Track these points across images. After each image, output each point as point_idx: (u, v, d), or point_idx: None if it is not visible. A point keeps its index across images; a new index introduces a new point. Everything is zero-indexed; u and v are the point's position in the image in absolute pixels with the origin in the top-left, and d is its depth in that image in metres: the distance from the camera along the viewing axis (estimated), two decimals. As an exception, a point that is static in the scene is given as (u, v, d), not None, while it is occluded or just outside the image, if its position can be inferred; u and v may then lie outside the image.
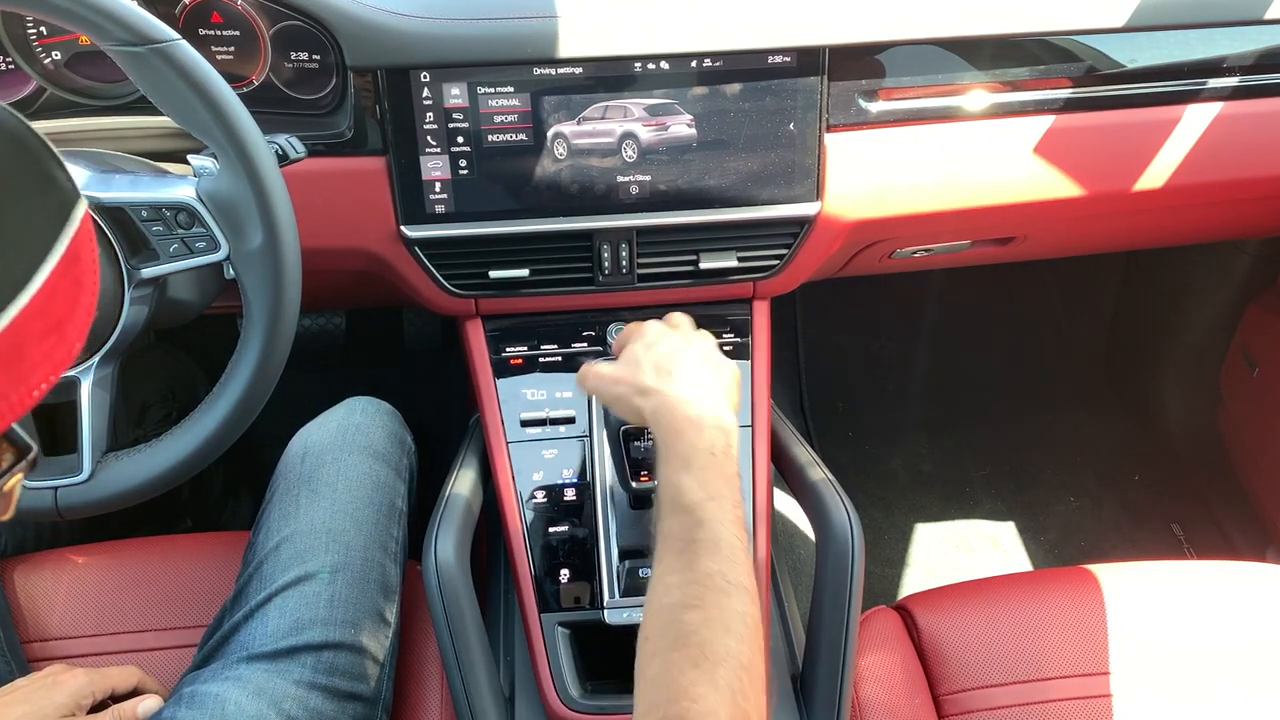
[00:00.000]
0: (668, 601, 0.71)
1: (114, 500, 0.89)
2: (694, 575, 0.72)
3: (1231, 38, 1.15)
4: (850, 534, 0.99)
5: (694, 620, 0.69)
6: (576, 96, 1.05)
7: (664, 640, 0.69)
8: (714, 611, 0.70)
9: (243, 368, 0.87)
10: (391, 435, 1.12)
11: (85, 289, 0.48)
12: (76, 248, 0.47)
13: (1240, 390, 1.73)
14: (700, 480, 0.78)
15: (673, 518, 0.77)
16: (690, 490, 0.77)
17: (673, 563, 0.74)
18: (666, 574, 0.73)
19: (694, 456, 0.79)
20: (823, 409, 2.01)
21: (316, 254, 0.95)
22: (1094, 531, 1.83)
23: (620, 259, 1.12)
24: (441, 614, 0.95)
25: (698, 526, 0.75)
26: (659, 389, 0.86)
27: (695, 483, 0.77)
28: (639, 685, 0.69)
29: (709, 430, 0.81)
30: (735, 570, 0.72)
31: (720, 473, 0.79)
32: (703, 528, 0.74)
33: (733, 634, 0.69)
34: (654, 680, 0.68)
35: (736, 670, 0.67)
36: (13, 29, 1.04)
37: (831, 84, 1.07)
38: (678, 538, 0.75)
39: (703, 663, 0.67)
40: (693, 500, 0.76)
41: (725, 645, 0.68)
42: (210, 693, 0.90)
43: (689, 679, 0.66)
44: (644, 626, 0.72)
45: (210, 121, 0.81)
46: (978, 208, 1.16)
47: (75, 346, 0.48)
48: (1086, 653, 1.05)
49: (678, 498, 0.77)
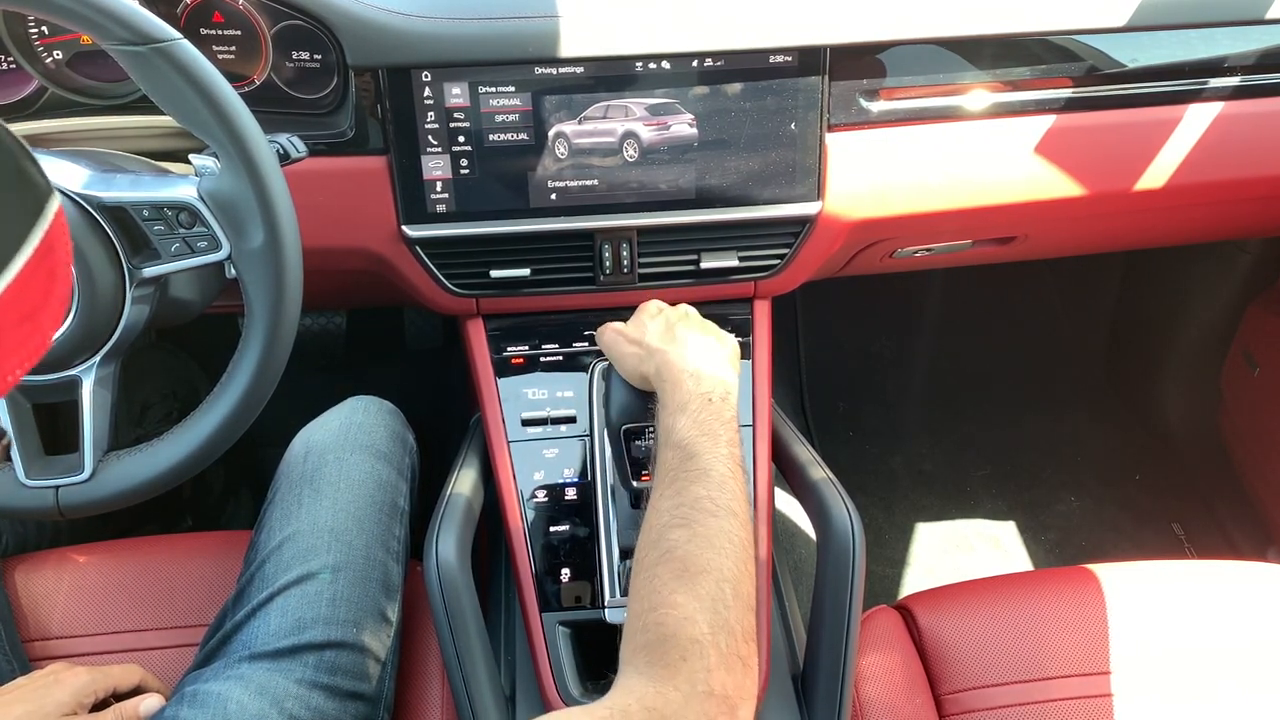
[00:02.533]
0: (656, 523, 0.75)
1: (115, 499, 0.89)
2: (682, 500, 0.75)
3: (1232, 37, 1.15)
4: (851, 533, 0.99)
5: (679, 537, 0.72)
6: (578, 96, 1.05)
7: (651, 556, 0.72)
8: (699, 529, 0.73)
9: (244, 367, 0.87)
10: (394, 434, 1.12)
11: (59, 280, 0.49)
12: (50, 240, 0.48)
13: (1241, 390, 1.73)
14: (694, 420, 0.82)
15: (665, 451, 0.81)
16: (684, 428, 0.81)
17: (664, 490, 0.78)
18: (658, 500, 0.77)
19: (690, 401, 0.84)
20: (823, 409, 2.01)
21: (318, 253, 0.95)
22: (1095, 531, 1.83)
23: (621, 258, 1.12)
24: (442, 613, 0.95)
25: (689, 459, 0.79)
26: (663, 349, 0.92)
27: (689, 422, 0.82)
28: (629, 601, 0.73)
29: (706, 380, 0.86)
30: (724, 496, 0.76)
31: (716, 415, 0.83)
32: (694, 459, 0.78)
33: (716, 549, 0.71)
34: (638, 592, 0.72)
35: (719, 582, 0.69)
36: (14, 28, 1.04)
37: (833, 84, 1.07)
38: (669, 468, 0.79)
39: (684, 574, 0.70)
40: (685, 437, 0.81)
41: (708, 559, 0.71)
42: (212, 691, 0.90)
43: (670, 589, 0.69)
44: (636, 550, 0.76)
45: (211, 121, 0.81)
46: (979, 207, 1.16)
47: (49, 335, 0.49)
48: (1087, 652, 1.05)
49: (670, 434, 0.82)
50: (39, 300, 0.47)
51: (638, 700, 0.66)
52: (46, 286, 0.48)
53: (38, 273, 0.47)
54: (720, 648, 0.68)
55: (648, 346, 0.94)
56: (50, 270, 0.48)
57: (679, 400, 0.85)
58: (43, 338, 0.48)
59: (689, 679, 0.66)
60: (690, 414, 0.83)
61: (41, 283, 0.47)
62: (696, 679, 0.66)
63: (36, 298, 0.47)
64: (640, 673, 0.68)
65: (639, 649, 0.70)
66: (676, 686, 0.66)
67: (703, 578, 0.69)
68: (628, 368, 0.97)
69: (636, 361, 0.95)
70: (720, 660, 0.67)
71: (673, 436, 0.82)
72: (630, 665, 0.70)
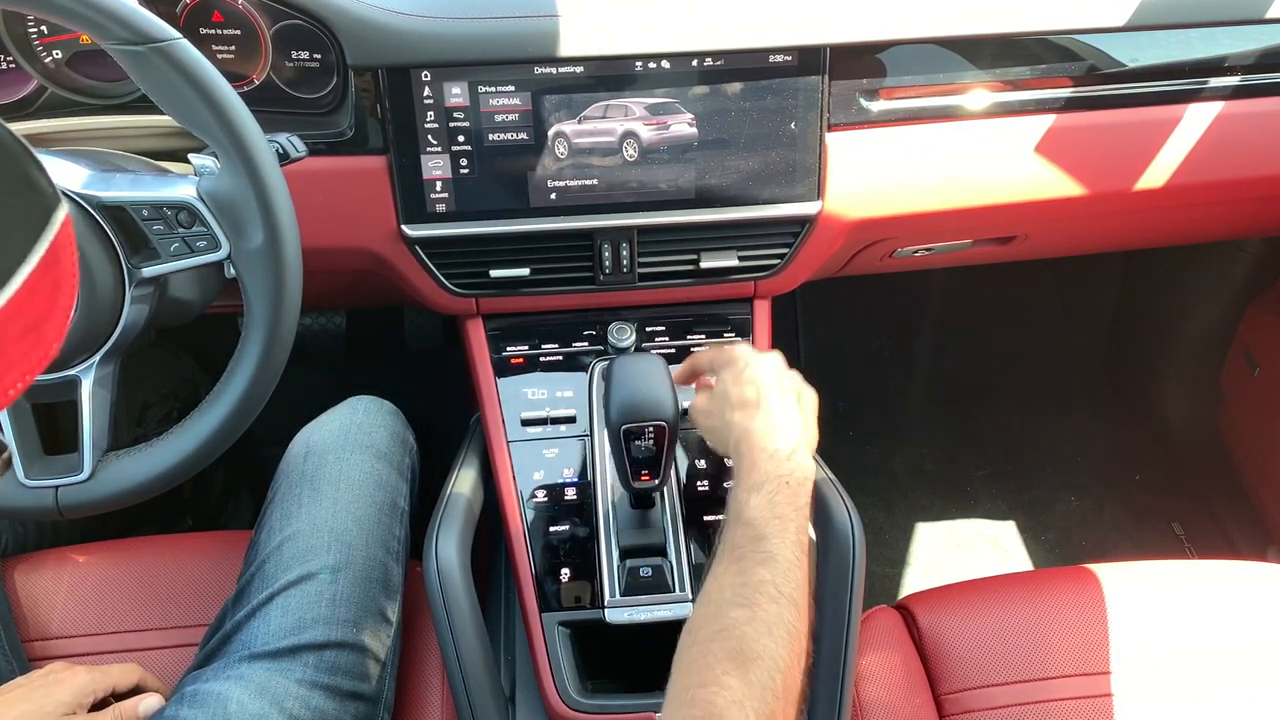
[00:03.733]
0: (717, 598, 0.74)
1: (115, 499, 0.89)
2: (746, 580, 0.74)
3: (1232, 37, 1.15)
4: (851, 533, 0.99)
5: (739, 617, 0.71)
6: (577, 95, 1.05)
7: (706, 631, 0.71)
8: (760, 613, 0.72)
9: (243, 367, 0.87)
10: (394, 434, 1.12)
11: (64, 291, 0.49)
12: (56, 250, 0.47)
13: (1241, 390, 1.73)
14: (768, 501, 0.81)
15: (735, 529, 0.80)
16: (756, 508, 0.80)
17: (729, 566, 0.76)
18: (722, 574, 0.76)
19: (766, 482, 0.82)
20: (823, 408, 2.01)
21: (317, 253, 0.95)
22: (1095, 531, 1.83)
23: (621, 258, 1.12)
24: (442, 613, 0.95)
25: (759, 540, 0.77)
26: (744, 425, 0.89)
27: (763, 502, 0.81)
28: (675, 669, 0.71)
29: (785, 463, 0.85)
30: (788, 584, 0.75)
31: (790, 500, 0.82)
32: (763, 541, 0.77)
33: (774, 638, 0.70)
34: (689, 664, 0.70)
35: (771, 671, 0.68)
36: (14, 28, 1.04)
37: (832, 83, 1.07)
38: (736, 546, 0.78)
39: (738, 656, 0.68)
40: (756, 516, 0.79)
41: (764, 645, 0.69)
42: (212, 691, 0.90)
43: (723, 668, 0.68)
44: (691, 619, 0.74)
45: (211, 120, 0.81)
46: (978, 207, 1.16)
47: (52, 347, 0.48)
48: (1087, 652, 1.05)
49: (741, 512, 0.81)
50: (43, 312, 0.47)
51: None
52: (51, 297, 0.47)
53: (43, 284, 0.46)
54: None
55: (727, 421, 0.91)
56: (55, 281, 0.47)
57: (755, 479, 0.83)
58: (46, 349, 0.48)
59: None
60: (765, 494, 0.81)
61: (46, 294, 0.47)
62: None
63: (41, 309, 0.46)
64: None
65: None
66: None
67: (757, 664, 0.68)
68: (713, 442, 0.96)
69: (717, 437, 0.94)
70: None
71: (745, 514, 0.80)
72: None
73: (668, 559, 1.00)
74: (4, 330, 0.44)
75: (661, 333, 1.17)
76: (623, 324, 1.15)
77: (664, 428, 0.93)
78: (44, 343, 0.47)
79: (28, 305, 0.45)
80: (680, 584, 1.00)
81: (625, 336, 1.14)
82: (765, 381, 0.93)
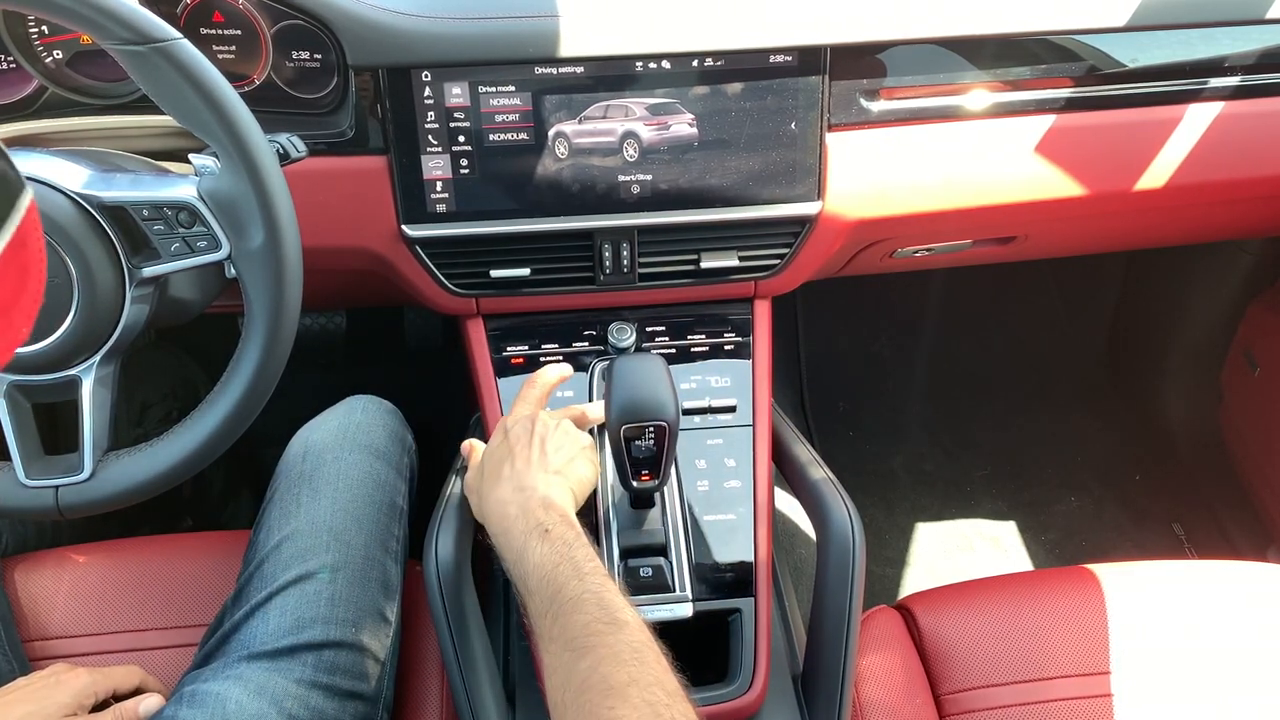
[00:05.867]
0: (558, 665, 0.74)
1: (115, 499, 0.89)
2: (572, 634, 0.74)
3: (1233, 37, 1.15)
4: (851, 533, 0.99)
5: (588, 664, 0.72)
6: (578, 96, 1.05)
7: (570, 693, 0.71)
8: (603, 651, 0.72)
9: (244, 367, 0.87)
10: (392, 434, 1.12)
11: (31, 275, 0.49)
12: (23, 234, 0.47)
13: (1242, 390, 1.73)
14: (538, 559, 0.81)
15: (531, 600, 0.81)
16: (534, 573, 0.80)
17: (550, 632, 0.77)
18: (549, 645, 0.76)
19: (527, 544, 0.83)
20: (823, 408, 2.01)
21: (318, 253, 0.95)
22: (1095, 531, 1.83)
23: (621, 258, 1.12)
24: (442, 613, 0.95)
25: (556, 595, 0.78)
26: (483, 495, 0.92)
27: (537, 563, 0.81)
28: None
29: (533, 514, 0.85)
30: (608, 612, 0.75)
31: (559, 541, 0.82)
32: (561, 593, 0.78)
33: (626, 663, 0.71)
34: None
35: (646, 688, 0.69)
36: (14, 28, 1.04)
37: (833, 83, 1.07)
38: (543, 614, 0.78)
39: (610, 692, 0.69)
40: (540, 581, 0.80)
41: (625, 673, 0.70)
42: (211, 691, 0.90)
43: (605, 706, 0.68)
44: (549, 698, 0.74)
45: (211, 120, 0.81)
46: (979, 207, 1.16)
47: (22, 331, 0.48)
48: (1087, 652, 1.05)
49: (525, 582, 0.81)
50: (11, 296, 0.47)
51: None
52: (18, 282, 0.47)
53: (9, 269, 0.46)
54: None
55: (473, 488, 0.95)
56: (23, 266, 0.47)
57: (516, 547, 0.84)
58: (15, 334, 0.48)
59: None
60: (530, 556, 0.82)
61: (13, 279, 0.47)
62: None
63: (8, 294, 0.47)
64: None
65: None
66: None
67: (632, 688, 0.69)
68: (479, 518, 0.95)
69: (476, 514, 0.95)
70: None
71: (530, 583, 0.81)
72: None
73: (668, 559, 1.00)
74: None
75: (662, 333, 1.17)
76: (623, 324, 1.15)
77: (664, 428, 0.93)
78: (13, 327, 0.47)
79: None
80: (680, 584, 1.00)
81: (625, 336, 1.14)
82: (514, 439, 0.94)
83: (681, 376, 1.13)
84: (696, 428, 1.11)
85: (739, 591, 1.03)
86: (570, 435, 0.96)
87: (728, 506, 1.06)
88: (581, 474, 0.93)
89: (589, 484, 0.95)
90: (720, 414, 1.12)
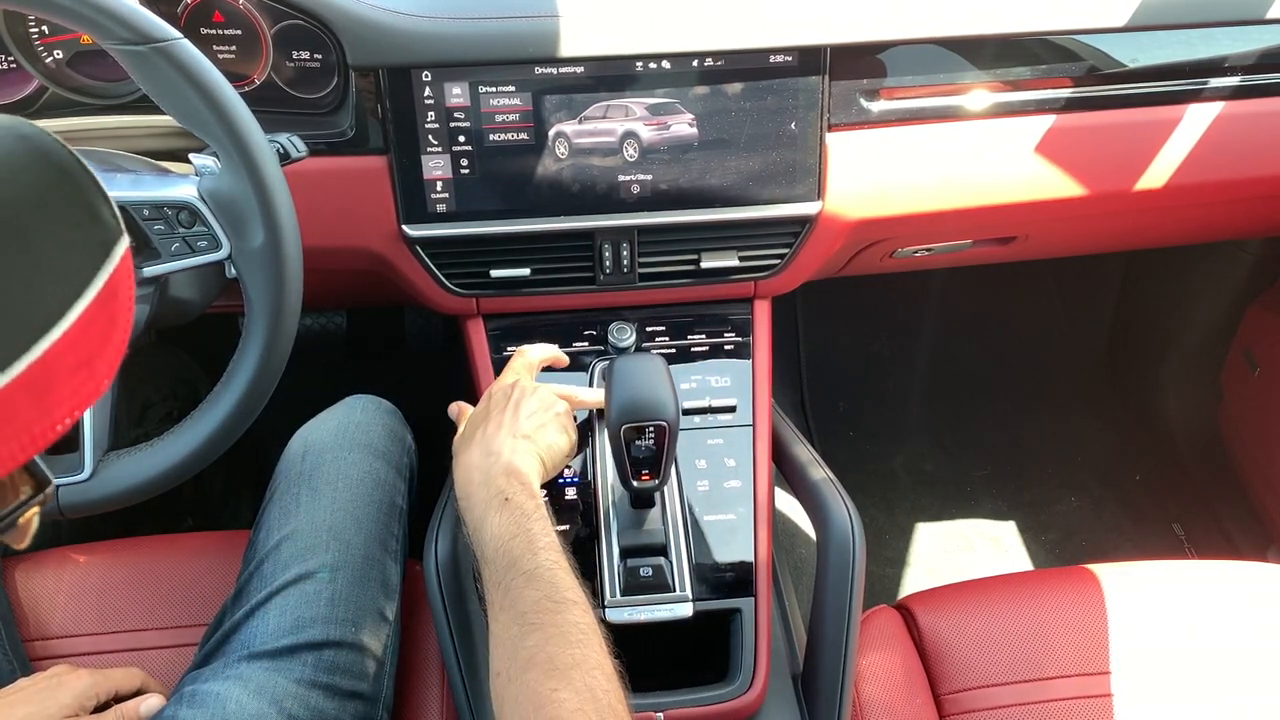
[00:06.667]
0: (506, 637, 0.75)
1: (115, 499, 0.89)
2: (522, 607, 0.75)
3: (1233, 37, 1.15)
4: (851, 533, 0.99)
5: (535, 642, 0.73)
6: (578, 96, 1.05)
7: (514, 669, 0.72)
8: (551, 630, 0.73)
9: (244, 367, 0.87)
10: (391, 433, 1.12)
11: (119, 326, 0.48)
12: (115, 284, 0.47)
13: (1241, 390, 1.73)
14: (495, 529, 0.81)
15: (487, 569, 0.81)
16: (492, 541, 0.81)
17: (501, 603, 0.77)
18: (499, 614, 0.77)
19: (486, 512, 0.83)
20: (823, 408, 2.01)
21: (318, 253, 0.95)
22: (1095, 531, 1.83)
23: (621, 258, 1.12)
24: (442, 612, 0.95)
25: (510, 567, 0.78)
26: (456, 455, 0.92)
27: (494, 532, 0.81)
28: (501, 712, 0.72)
29: (495, 482, 0.85)
30: (558, 590, 0.76)
31: (518, 512, 0.82)
32: (515, 565, 0.78)
33: (573, 643, 0.72)
34: (515, 702, 0.71)
35: (588, 671, 0.71)
36: (15, 28, 1.04)
37: (833, 83, 1.07)
38: (497, 584, 0.79)
39: (554, 673, 0.70)
40: (497, 550, 0.80)
41: (570, 654, 0.71)
42: (211, 691, 0.90)
43: (548, 688, 0.69)
44: (492, 666, 0.75)
45: (212, 120, 0.81)
46: (979, 207, 1.16)
47: (104, 383, 0.47)
48: (1087, 652, 1.05)
49: (484, 551, 0.82)
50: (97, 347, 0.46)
51: None
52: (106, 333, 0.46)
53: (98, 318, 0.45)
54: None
55: (454, 457, 0.94)
56: (111, 316, 0.47)
57: (476, 514, 0.84)
58: (96, 385, 0.46)
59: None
60: (489, 525, 0.82)
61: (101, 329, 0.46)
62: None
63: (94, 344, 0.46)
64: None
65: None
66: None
67: (575, 670, 0.70)
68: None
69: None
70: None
71: (486, 552, 0.81)
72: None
73: (668, 559, 1.00)
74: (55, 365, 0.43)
75: (662, 333, 1.17)
76: (623, 324, 1.15)
77: (664, 428, 0.93)
78: (95, 378, 0.46)
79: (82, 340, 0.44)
80: (680, 584, 1.00)
81: (625, 336, 1.14)
82: (492, 405, 0.94)
83: (681, 376, 1.13)
84: (696, 428, 1.11)
85: (739, 591, 1.03)
86: (545, 401, 0.96)
87: (728, 506, 1.06)
88: (552, 441, 0.93)
89: (561, 452, 0.95)
90: (720, 414, 1.12)
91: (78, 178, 0.47)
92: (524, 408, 0.94)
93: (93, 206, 0.47)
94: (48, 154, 0.46)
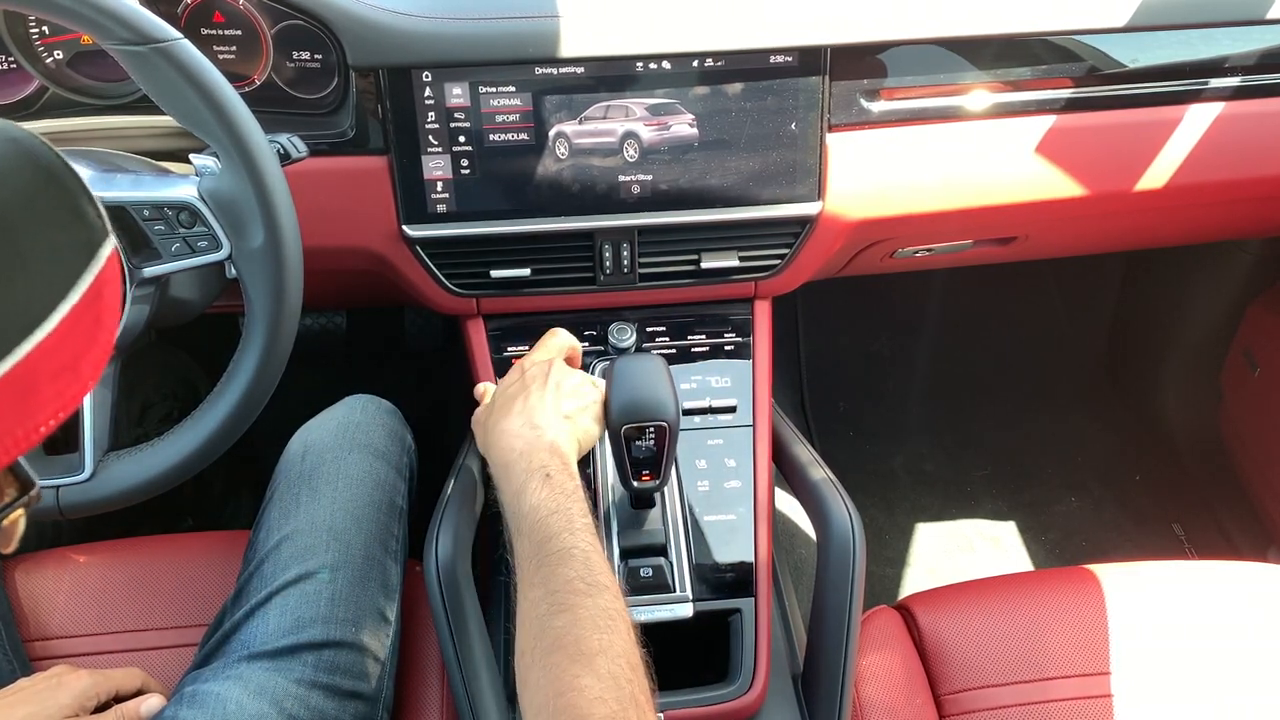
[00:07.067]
0: (534, 614, 0.74)
1: (115, 499, 0.89)
2: (554, 585, 0.74)
3: (1233, 37, 1.15)
4: (851, 533, 0.99)
5: (563, 623, 0.72)
6: (578, 96, 1.05)
7: (539, 648, 0.72)
8: (581, 612, 0.72)
9: (244, 367, 0.87)
10: (391, 433, 1.12)
11: (104, 328, 0.47)
12: (100, 285, 0.46)
13: (1241, 390, 1.73)
14: (535, 502, 0.80)
15: (520, 542, 0.80)
16: (528, 515, 0.80)
17: (530, 579, 0.76)
18: (528, 590, 0.76)
19: (527, 484, 0.82)
20: (824, 408, 2.01)
21: (318, 253, 0.95)
22: (1095, 531, 1.83)
23: (621, 258, 1.12)
24: (442, 613, 0.95)
25: (546, 542, 0.77)
26: (487, 430, 0.91)
27: (531, 505, 0.80)
28: (523, 694, 0.71)
29: (538, 455, 0.84)
30: (591, 572, 0.75)
31: (558, 490, 0.81)
32: (551, 541, 0.77)
33: (601, 629, 0.71)
34: (537, 684, 0.70)
35: (614, 659, 0.70)
36: (15, 28, 1.04)
37: (833, 84, 1.07)
38: (530, 558, 0.78)
39: (579, 658, 0.69)
40: (534, 522, 0.79)
41: (598, 640, 0.71)
42: (211, 692, 0.90)
43: (571, 673, 0.68)
44: (518, 642, 0.74)
45: (212, 121, 0.81)
46: (979, 207, 1.16)
47: (88, 384, 0.47)
48: (1087, 652, 1.05)
49: (519, 522, 0.81)
50: (81, 349, 0.45)
51: None
52: (90, 334, 0.46)
53: (82, 320, 0.45)
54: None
55: (480, 421, 0.94)
56: (96, 317, 0.46)
57: (515, 485, 0.83)
58: (80, 387, 0.46)
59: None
60: (531, 495, 0.81)
61: (85, 330, 0.45)
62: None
63: (79, 346, 0.45)
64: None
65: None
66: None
67: (600, 657, 0.69)
68: (481, 450, 0.95)
69: (481, 447, 0.94)
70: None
71: (523, 524, 0.80)
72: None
73: (668, 559, 1.00)
74: (39, 368, 0.43)
75: (662, 333, 1.17)
76: (623, 324, 1.15)
77: (665, 428, 0.93)
78: (79, 380, 0.46)
79: (66, 342, 0.44)
80: (680, 584, 1.00)
81: (626, 337, 1.14)
82: (529, 378, 0.93)
83: (682, 376, 1.13)
84: (697, 428, 1.11)
85: (739, 591, 1.03)
86: (585, 386, 0.96)
87: (728, 506, 1.07)
88: (587, 427, 0.93)
89: (592, 440, 0.94)
90: (720, 414, 1.12)
91: (64, 180, 0.47)
92: (566, 385, 0.93)
93: (79, 208, 0.47)
94: (35, 157, 0.46)
